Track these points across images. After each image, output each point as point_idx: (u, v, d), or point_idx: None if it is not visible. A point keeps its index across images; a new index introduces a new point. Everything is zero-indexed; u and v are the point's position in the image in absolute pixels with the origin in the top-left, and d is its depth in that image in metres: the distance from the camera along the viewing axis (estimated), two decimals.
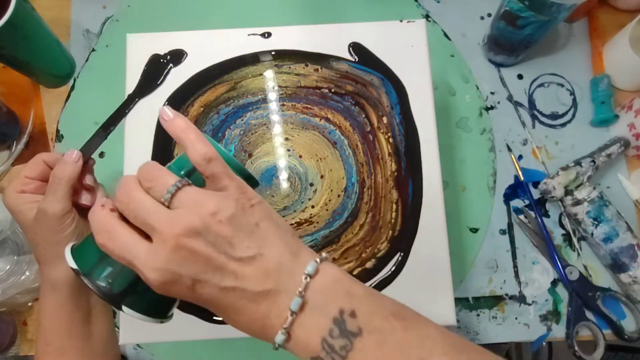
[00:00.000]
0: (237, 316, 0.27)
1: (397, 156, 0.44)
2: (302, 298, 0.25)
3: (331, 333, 0.25)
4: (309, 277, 0.26)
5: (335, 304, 0.26)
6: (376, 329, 0.25)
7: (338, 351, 0.25)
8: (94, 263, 0.29)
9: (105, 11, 0.61)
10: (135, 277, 0.28)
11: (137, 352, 0.53)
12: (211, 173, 0.28)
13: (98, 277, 0.28)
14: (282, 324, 0.25)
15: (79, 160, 0.39)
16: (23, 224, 0.39)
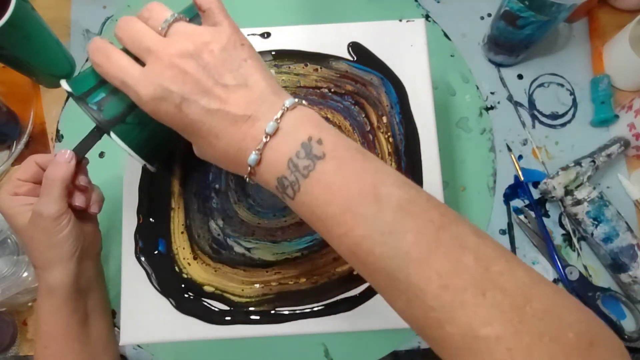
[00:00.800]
0: (217, 140, 0.29)
1: (397, 156, 0.44)
2: (277, 124, 0.28)
3: (298, 154, 0.28)
4: (287, 109, 0.29)
5: (306, 131, 0.28)
6: (338, 156, 0.28)
7: (301, 170, 0.27)
8: (88, 88, 0.32)
9: (105, 11, 0.61)
10: (125, 108, 0.31)
11: (137, 352, 0.53)
12: (208, 7, 0.31)
13: (90, 101, 0.31)
14: (257, 146, 0.28)
15: (72, 160, 0.38)
16: (17, 227, 0.38)
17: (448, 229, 0.26)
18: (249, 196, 0.43)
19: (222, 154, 0.30)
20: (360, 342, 0.52)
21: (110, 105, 0.32)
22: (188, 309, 0.41)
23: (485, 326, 0.24)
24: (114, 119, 0.32)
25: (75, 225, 0.39)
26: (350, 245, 0.27)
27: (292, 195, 0.28)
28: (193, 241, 0.42)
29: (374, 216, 0.26)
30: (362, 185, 0.27)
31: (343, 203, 0.27)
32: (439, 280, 0.25)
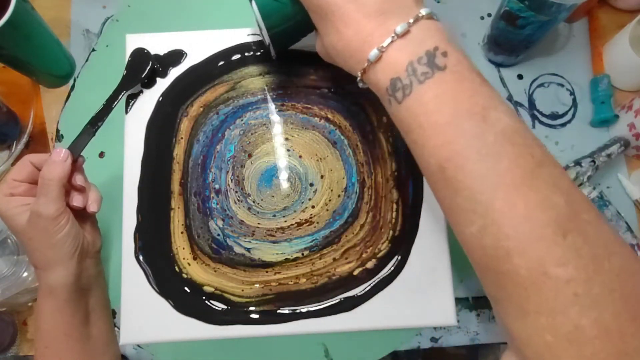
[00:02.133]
0: (345, 28, 0.30)
1: (397, 156, 0.44)
2: (409, 27, 0.28)
3: (419, 60, 0.28)
4: (421, 16, 0.29)
5: (433, 41, 0.28)
6: (459, 71, 0.28)
7: (418, 75, 0.28)
8: None
9: (105, 11, 0.61)
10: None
11: (137, 352, 0.53)
12: None
13: None
14: (382, 42, 0.29)
15: (68, 158, 0.38)
16: (15, 228, 0.38)
17: (547, 167, 0.26)
18: (249, 196, 0.43)
19: (344, 44, 0.31)
20: (360, 342, 0.52)
21: None
22: (188, 309, 0.41)
23: (558, 266, 0.23)
24: None
25: (74, 224, 0.39)
26: (442, 157, 0.27)
27: (400, 98, 0.29)
28: (193, 241, 0.42)
29: (476, 134, 0.26)
30: (473, 103, 0.27)
31: (450, 115, 0.27)
32: (524, 210, 0.24)
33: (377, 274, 0.42)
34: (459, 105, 0.27)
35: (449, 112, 0.27)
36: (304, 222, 0.43)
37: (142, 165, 0.44)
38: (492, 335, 0.52)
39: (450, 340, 0.53)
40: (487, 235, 0.25)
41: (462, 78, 0.28)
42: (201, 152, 0.44)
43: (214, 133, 0.45)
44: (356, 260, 0.42)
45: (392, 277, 0.41)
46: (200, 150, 0.44)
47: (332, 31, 0.31)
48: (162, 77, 0.46)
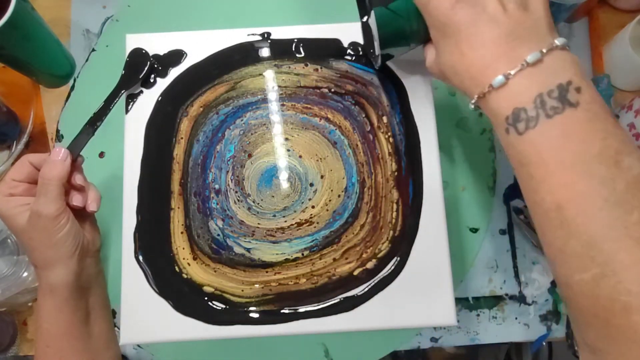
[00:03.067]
0: (469, 50, 0.29)
1: (397, 156, 0.44)
2: (541, 56, 0.27)
3: (550, 93, 0.26)
4: (556, 46, 0.27)
5: (566, 75, 0.27)
6: (592, 110, 0.26)
7: (547, 109, 0.26)
8: None
9: (105, 11, 0.61)
10: None
11: (137, 352, 0.53)
12: None
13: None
14: (510, 69, 0.27)
15: (67, 158, 0.38)
16: (16, 228, 0.38)
17: None
18: (249, 196, 0.43)
19: (465, 66, 0.30)
20: (360, 342, 0.52)
21: None
22: (188, 309, 0.41)
23: None
24: None
25: (74, 223, 0.39)
26: (562, 197, 0.26)
27: (522, 129, 0.27)
28: (193, 241, 0.42)
29: (605, 179, 0.25)
30: (605, 146, 0.25)
31: (578, 155, 0.26)
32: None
33: (377, 274, 0.42)
34: (589, 146, 0.25)
35: (577, 151, 0.25)
36: (304, 222, 0.43)
37: (142, 165, 0.44)
38: (492, 335, 0.53)
39: (450, 340, 0.53)
40: (603, 286, 0.24)
41: (595, 117, 0.26)
42: (201, 152, 0.44)
43: (214, 133, 0.45)
44: (356, 260, 0.42)
45: (392, 277, 0.41)
46: (200, 150, 0.44)
47: (454, 51, 0.30)
48: (162, 77, 0.46)
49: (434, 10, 0.30)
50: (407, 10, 0.33)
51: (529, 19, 0.28)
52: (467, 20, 0.28)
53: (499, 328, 0.53)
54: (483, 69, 0.28)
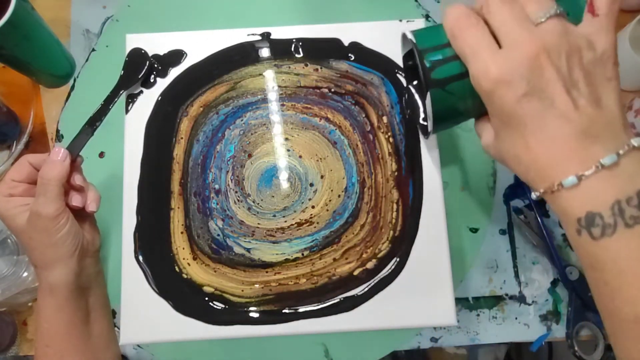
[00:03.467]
0: (536, 143, 0.27)
1: (398, 156, 0.44)
2: (617, 158, 0.26)
3: (629, 200, 0.25)
4: (633, 147, 0.26)
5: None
6: None
7: (626, 218, 0.25)
8: (432, 45, 0.32)
9: (105, 11, 0.61)
10: (456, 75, 0.32)
11: (137, 352, 0.53)
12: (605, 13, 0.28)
13: (428, 58, 0.32)
14: (582, 170, 0.26)
15: (67, 158, 0.38)
16: (15, 228, 0.38)
17: None
18: (249, 196, 0.43)
19: (530, 159, 0.28)
20: (360, 342, 0.52)
21: (443, 69, 0.32)
22: (188, 310, 0.41)
23: None
24: (439, 81, 0.32)
25: (73, 223, 0.39)
26: None
27: (597, 235, 0.26)
28: (193, 241, 0.42)
29: None
30: None
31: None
32: None
33: (377, 274, 0.42)
34: None
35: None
36: (304, 222, 0.43)
37: (142, 165, 0.44)
38: (492, 335, 0.53)
39: (450, 340, 0.53)
40: None
41: None
42: (201, 152, 0.44)
43: (214, 133, 0.45)
44: (356, 260, 0.42)
45: (392, 277, 0.41)
46: (200, 150, 0.44)
47: (518, 142, 0.28)
48: (162, 77, 0.46)
49: (498, 100, 0.28)
50: (464, 91, 0.32)
51: (602, 116, 0.26)
52: (534, 115, 0.27)
53: (499, 328, 0.53)
54: (552, 165, 0.27)
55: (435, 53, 0.32)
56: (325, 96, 0.45)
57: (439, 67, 0.32)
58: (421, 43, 0.32)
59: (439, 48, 0.32)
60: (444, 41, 0.31)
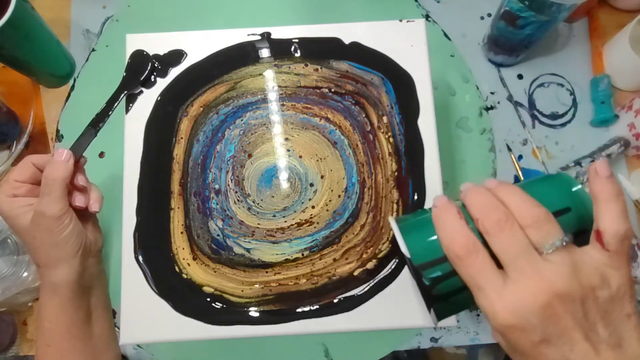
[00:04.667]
0: None
1: (398, 156, 0.44)
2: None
3: None
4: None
5: None
6: None
7: None
8: (430, 259, 0.28)
9: (105, 11, 0.61)
10: (456, 289, 0.28)
11: (137, 352, 0.53)
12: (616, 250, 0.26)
13: (427, 275, 0.28)
14: None
15: (70, 159, 0.39)
16: (18, 228, 0.39)
17: None
18: (249, 196, 0.43)
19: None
20: (360, 342, 0.52)
21: (446, 284, 0.28)
22: (187, 310, 0.41)
23: None
24: (442, 295, 0.28)
25: (77, 223, 0.39)
26: None
27: None
28: (193, 241, 0.42)
29: None
30: None
31: None
32: None
33: (377, 274, 0.41)
34: None
35: None
36: (304, 223, 0.43)
37: (142, 165, 0.44)
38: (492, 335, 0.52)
39: (450, 340, 0.53)
40: None
41: None
42: (201, 152, 0.44)
43: (214, 133, 0.45)
44: (356, 260, 0.42)
45: (392, 277, 0.41)
46: (200, 150, 0.44)
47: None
48: (162, 77, 0.46)
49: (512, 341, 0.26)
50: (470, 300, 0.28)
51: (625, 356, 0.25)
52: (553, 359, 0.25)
53: None
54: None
55: (434, 269, 0.28)
56: (326, 96, 0.45)
57: (440, 284, 0.28)
58: (416, 255, 0.28)
59: (437, 263, 0.28)
60: (442, 254, 0.27)
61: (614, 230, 0.25)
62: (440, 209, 0.28)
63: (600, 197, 0.27)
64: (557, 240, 0.25)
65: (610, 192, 0.26)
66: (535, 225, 0.26)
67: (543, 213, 0.26)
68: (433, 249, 0.28)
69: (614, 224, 0.26)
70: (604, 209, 0.26)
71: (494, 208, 0.27)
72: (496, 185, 0.28)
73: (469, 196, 0.28)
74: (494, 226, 0.26)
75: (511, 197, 0.27)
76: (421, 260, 0.28)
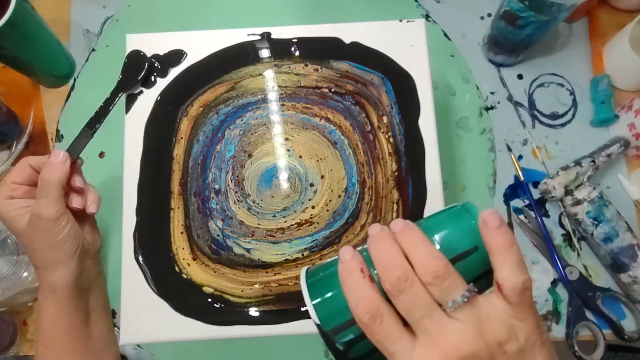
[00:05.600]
0: None
1: (398, 156, 0.44)
2: None
3: None
4: None
5: None
6: None
7: None
8: (340, 322, 0.26)
9: (105, 11, 0.61)
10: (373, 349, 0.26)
11: (137, 352, 0.53)
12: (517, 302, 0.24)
13: (339, 340, 0.26)
14: None
15: (67, 160, 0.39)
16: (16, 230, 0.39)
17: None
18: (249, 197, 0.43)
19: None
20: None
21: (360, 346, 0.26)
22: (187, 310, 0.41)
23: None
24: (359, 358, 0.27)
25: (74, 225, 0.39)
26: None
27: None
28: (192, 242, 0.42)
29: None
30: None
31: None
32: None
33: None
34: None
35: None
36: (304, 223, 0.43)
37: (141, 165, 0.44)
38: None
39: None
40: None
41: None
42: (201, 152, 0.44)
43: (214, 133, 0.45)
44: None
45: None
46: (200, 150, 0.44)
47: None
48: (162, 77, 0.46)
49: None
50: None
51: None
52: None
53: None
54: None
55: (346, 333, 0.26)
56: (326, 96, 0.45)
57: (355, 346, 0.26)
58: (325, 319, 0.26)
59: (348, 325, 0.26)
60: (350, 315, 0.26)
61: (512, 283, 0.24)
62: (345, 266, 0.26)
63: (493, 250, 0.25)
64: (458, 296, 0.24)
65: (503, 243, 0.25)
66: (435, 282, 0.24)
67: (442, 267, 0.24)
68: (342, 311, 0.26)
69: (512, 277, 0.24)
70: (499, 261, 0.25)
71: (394, 265, 0.25)
72: (400, 230, 0.26)
73: (371, 247, 0.26)
74: (394, 287, 0.25)
75: (412, 247, 0.26)
76: (332, 325, 0.26)
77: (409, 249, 0.26)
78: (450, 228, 0.27)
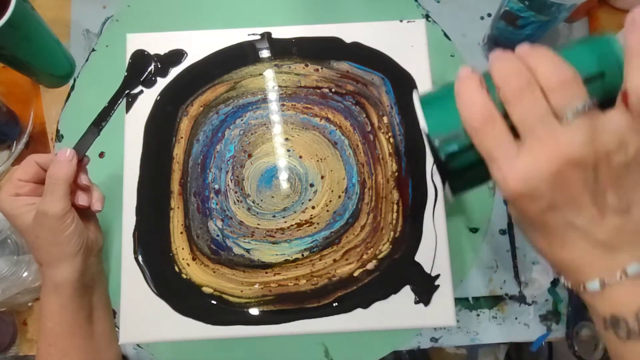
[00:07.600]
0: (561, 249, 0.26)
1: (398, 156, 0.44)
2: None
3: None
4: None
5: None
6: None
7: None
8: (447, 133, 0.27)
9: (105, 11, 0.61)
10: (472, 164, 0.27)
11: (137, 352, 0.53)
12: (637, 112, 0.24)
13: (443, 149, 0.27)
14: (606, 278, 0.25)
15: (74, 158, 0.39)
16: (21, 227, 0.39)
17: None
18: (249, 197, 0.43)
19: (553, 259, 0.27)
20: (360, 342, 0.52)
21: (462, 159, 0.28)
22: (187, 310, 0.41)
23: None
24: (458, 170, 0.28)
25: (79, 222, 0.40)
26: None
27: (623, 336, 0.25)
28: (192, 242, 0.42)
29: None
30: None
31: None
32: None
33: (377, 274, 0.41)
34: None
35: None
36: (304, 223, 0.43)
37: (141, 165, 0.44)
38: (492, 335, 0.52)
39: (450, 340, 0.53)
40: None
41: None
42: (201, 152, 0.44)
43: (214, 133, 0.45)
44: (357, 261, 0.42)
45: None
46: (200, 150, 0.44)
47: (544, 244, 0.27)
48: (163, 76, 0.46)
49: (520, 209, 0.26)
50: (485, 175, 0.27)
51: (631, 223, 0.25)
52: (559, 225, 0.25)
53: (499, 328, 0.53)
54: (576, 267, 0.26)
55: (450, 143, 0.27)
56: (326, 96, 0.45)
57: (456, 159, 0.28)
58: (434, 128, 0.28)
59: (454, 137, 0.27)
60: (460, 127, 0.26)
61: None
62: (462, 80, 0.26)
63: (632, 51, 0.24)
64: (580, 104, 0.24)
65: None
66: (560, 88, 0.24)
67: (570, 74, 0.24)
68: (451, 122, 0.27)
69: None
70: (634, 66, 0.24)
71: (517, 75, 0.25)
72: (527, 51, 0.26)
73: (494, 64, 0.26)
74: (515, 94, 0.24)
75: (541, 61, 0.25)
76: (438, 134, 0.27)
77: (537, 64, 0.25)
78: (583, 51, 0.27)
